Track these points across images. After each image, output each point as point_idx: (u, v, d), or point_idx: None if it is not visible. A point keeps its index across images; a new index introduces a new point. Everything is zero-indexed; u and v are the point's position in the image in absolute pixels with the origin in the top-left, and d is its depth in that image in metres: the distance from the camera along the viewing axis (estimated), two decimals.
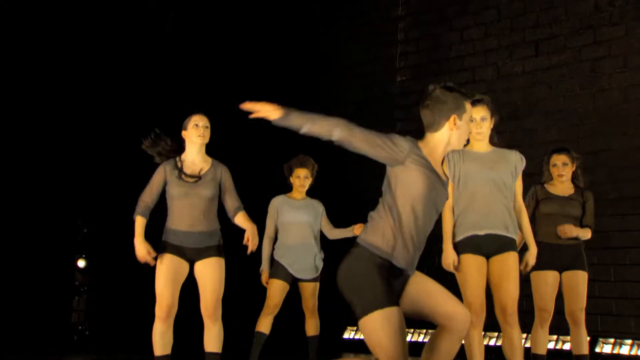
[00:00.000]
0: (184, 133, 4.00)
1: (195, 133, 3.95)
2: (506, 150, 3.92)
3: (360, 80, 7.98)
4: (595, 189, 4.94)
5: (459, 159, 3.85)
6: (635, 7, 6.57)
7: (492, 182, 3.77)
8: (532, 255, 3.92)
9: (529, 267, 3.95)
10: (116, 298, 7.20)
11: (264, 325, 4.93)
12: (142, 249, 3.79)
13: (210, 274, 3.87)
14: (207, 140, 4.00)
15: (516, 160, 3.87)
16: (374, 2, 8.26)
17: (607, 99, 6.63)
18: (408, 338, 7.35)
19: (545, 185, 4.58)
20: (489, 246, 3.75)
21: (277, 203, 5.10)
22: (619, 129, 6.50)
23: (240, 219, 3.99)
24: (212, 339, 3.87)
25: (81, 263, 7.32)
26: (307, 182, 5.13)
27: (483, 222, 3.74)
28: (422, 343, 7.37)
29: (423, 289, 2.85)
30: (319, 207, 5.23)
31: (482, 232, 3.74)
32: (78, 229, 7.40)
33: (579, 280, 4.46)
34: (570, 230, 4.33)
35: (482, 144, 3.89)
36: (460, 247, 3.77)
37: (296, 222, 4.99)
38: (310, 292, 5.05)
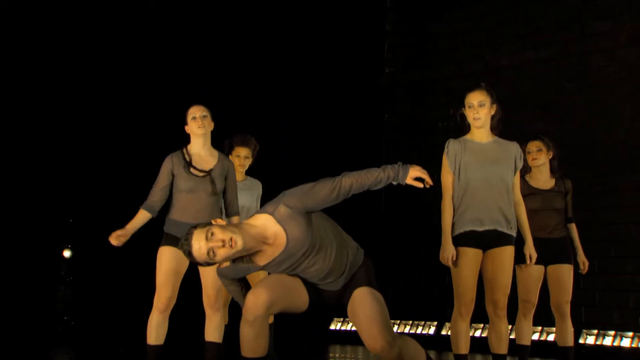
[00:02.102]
0: (186, 127, 3.99)
1: (195, 125, 3.92)
2: (507, 142, 3.86)
3: (348, 72, 7.97)
4: (581, 182, 4.96)
5: (460, 149, 3.79)
6: (623, 1, 6.60)
7: (492, 177, 3.73)
8: (530, 247, 3.92)
9: (534, 259, 3.94)
10: (102, 288, 7.17)
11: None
12: (121, 232, 3.76)
13: (210, 266, 3.87)
14: (208, 129, 3.96)
15: (516, 154, 3.83)
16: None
17: (594, 93, 6.67)
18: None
19: (527, 179, 4.56)
20: (487, 240, 3.74)
21: None
22: (606, 123, 6.55)
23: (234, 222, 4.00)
24: (213, 328, 3.87)
25: (67, 253, 7.28)
26: (247, 163, 4.78)
27: (483, 218, 3.71)
28: (409, 334, 7.41)
29: (352, 309, 2.94)
30: (258, 187, 4.89)
31: (481, 229, 3.72)
32: (64, 219, 7.35)
33: (564, 273, 4.48)
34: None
35: (482, 132, 3.82)
36: (459, 240, 3.75)
37: None
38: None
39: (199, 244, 2.70)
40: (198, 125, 3.90)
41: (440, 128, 7.49)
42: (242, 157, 4.75)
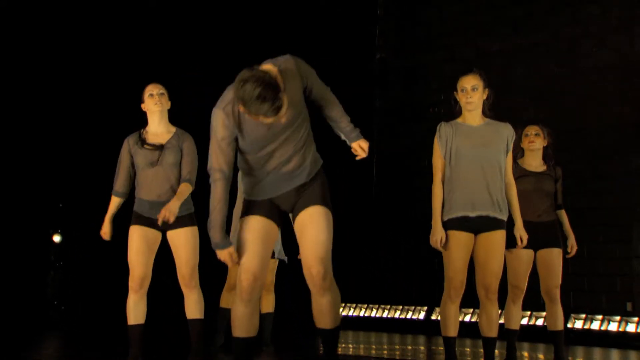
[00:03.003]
0: (142, 105, 4.01)
1: (152, 102, 3.93)
2: (499, 123, 3.83)
3: (339, 56, 7.94)
4: (571, 168, 4.98)
5: (451, 133, 3.76)
6: None
7: (483, 160, 3.71)
8: (521, 229, 3.89)
9: (525, 241, 3.93)
10: (92, 273, 7.16)
11: (228, 301, 4.77)
12: (104, 228, 3.93)
13: (183, 244, 3.88)
14: (165, 107, 3.97)
15: (508, 135, 3.80)
16: None
17: (584, 78, 6.68)
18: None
19: (519, 162, 4.58)
20: (478, 225, 3.72)
21: None
22: (595, 108, 6.57)
23: (181, 189, 3.91)
24: (192, 306, 3.89)
25: (57, 238, 7.26)
26: None
27: (474, 202, 3.69)
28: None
29: (302, 223, 2.86)
30: None
31: (473, 214, 3.69)
32: (53, 204, 7.32)
33: (554, 258, 4.48)
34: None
35: (474, 115, 3.79)
36: (449, 224, 3.73)
37: None
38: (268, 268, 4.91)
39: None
40: (155, 102, 3.91)
41: (431, 113, 7.49)
42: None
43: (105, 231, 3.94)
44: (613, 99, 6.50)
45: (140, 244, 3.84)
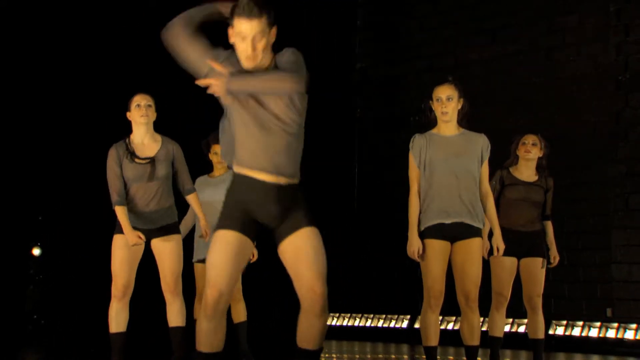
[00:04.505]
0: (128, 114, 3.97)
1: (138, 113, 3.91)
2: (474, 133, 3.87)
3: (320, 66, 7.96)
4: (555, 174, 4.97)
5: (424, 144, 3.79)
6: None
7: (457, 171, 3.74)
8: (498, 239, 3.91)
9: (502, 251, 3.95)
10: (72, 287, 7.09)
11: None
12: (133, 237, 3.81)
13: (168, 252, 3.90)
14: (151, 119, 3.95)
15: (483, 145, 3.83)
16: None
17: (561, 87, 6.77)
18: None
19: (511, 170, 4.59)
20: (454, 232, 3.75)
21: (197, 184, 4.77)
22: (572, 116, 6.65)
23: (192, 202, 4.08)
24: (175, 314, 3.90)
25: (36, 251, 7.18)
26: None
27: (449, 211, 3.72)
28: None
29: (295, 247, 2.79)
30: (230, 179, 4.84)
31: (448, 221, 3.73)
32: (33, 217, 7.25)
33: (537, 267, 4.52)
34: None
35: (449, 126, 3.82)
36: (426, 233, 3.76)
37: (213, 201, 4.56)
38: None
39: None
40: (141, 113, 3.89)
41: (412, 122, 7.53)
42: (219, 153, 4.66)
43: (134, 237, 3.79)
44: (589, 107, 6.60)
45: (124, 253, 3.84)
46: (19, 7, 6.96)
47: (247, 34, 2.64)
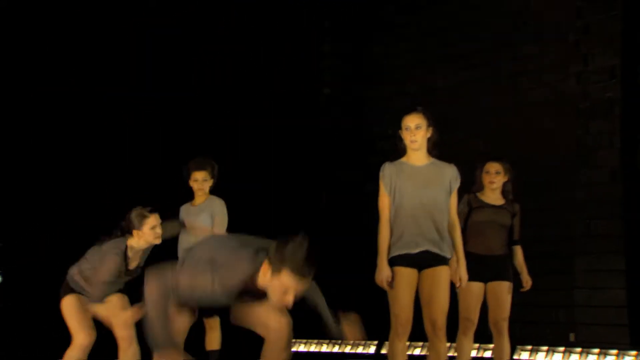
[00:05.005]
0: (136, 232, 3.99)
1: (153, 235, 4.00)
2: (443, 164, 3.89)
3: (287, 91, 7.98)
4: (519, 199, 5.03)
5: (395, 172, 3.81)
6: (549, 26, 6.87)
7: (426, 201, 3.76)
8: (463, 269, 3.92)
9: (464, 282, 3.96)
10: (32, 316, 6.89)
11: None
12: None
13: (120, 307, 4.03)
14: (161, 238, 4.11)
15: (452, 176, 3.86)
16: (300, 13, 8.30)
17: (525, 113, 6.89)
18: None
19: (478, 194, 4.64)
20: (422, 260, 3.77)
21: (181, 212, 4.87)
22: (536, 142, 6.75)
23: None
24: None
25: None
26: (207, 185, 4.83)
27: (418, 241, 3.74)
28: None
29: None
30: (212, 206, 4.86)
31: (415, 250, 3.75)
32: None
33: (503, 291, 4.55)
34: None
35: (418, 155, 3.85)
36: (394, 261, 3.78)
37: (192, 228, 4.67)
38: None
39: None
40: (156, 235, 4.00)
41: (379, 148, 7.57)
42: (199, 180, 4.80)
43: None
44: (552, 134, 6.72)
45: (79, 311, 4.00)
46: (19, 7, 6.86)
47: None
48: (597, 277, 6.27)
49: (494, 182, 4.58)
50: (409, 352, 6.44)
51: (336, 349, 7.43)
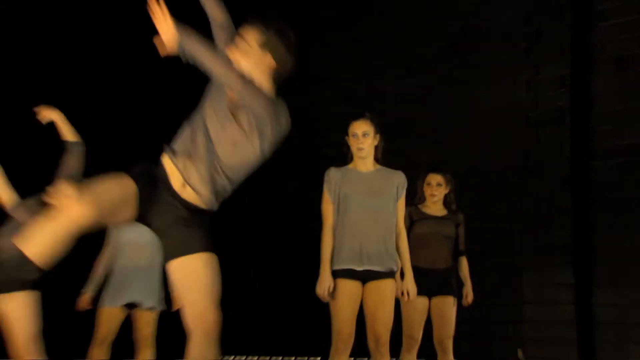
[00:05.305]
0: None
1: None
2: (391, 170, 3.84)
3: None
4: (466, 210, 4.97)
5: (340, 178, 3.73)
6: (501, 32, 6.77)
7: (372, 209, 3.68)
8: (410, 282, 3.84)
9: (412, 296, 3.85)
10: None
11: (98, 356, 4.65)
12: None
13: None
14: None
15: (399, 183, 3.79)
16: (243, 14, 8.02)
17: (474, 121, 6.77)
18: None
19: (419, 206, 4.60)
20: (366, 275, 3.68)
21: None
22: (485, 151, 6.64)
23: None
24: None
25: None
26: None
27: (362, 254, 3.64)
28: None
29: (187, 270, 2.65)
30: None
31: (360, 268, 3.64)
32: None
33: (447, 307, 4.49)
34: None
35: (365, 162, 3.78)
36: (337, 273, 3.67)
37: (132, 243, 4.59)
38: (144, 321, 4.81)
39: None
40: None
41: (323, 154, 7.32)
42: None
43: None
44: (500, 142, 6.62)
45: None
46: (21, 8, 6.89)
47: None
48: (544, 291, 6.15)
49: (435, 194, 4.56)
50: None
51: None
